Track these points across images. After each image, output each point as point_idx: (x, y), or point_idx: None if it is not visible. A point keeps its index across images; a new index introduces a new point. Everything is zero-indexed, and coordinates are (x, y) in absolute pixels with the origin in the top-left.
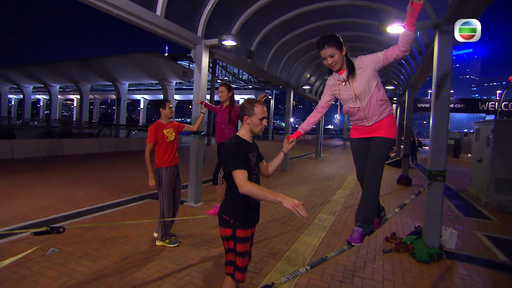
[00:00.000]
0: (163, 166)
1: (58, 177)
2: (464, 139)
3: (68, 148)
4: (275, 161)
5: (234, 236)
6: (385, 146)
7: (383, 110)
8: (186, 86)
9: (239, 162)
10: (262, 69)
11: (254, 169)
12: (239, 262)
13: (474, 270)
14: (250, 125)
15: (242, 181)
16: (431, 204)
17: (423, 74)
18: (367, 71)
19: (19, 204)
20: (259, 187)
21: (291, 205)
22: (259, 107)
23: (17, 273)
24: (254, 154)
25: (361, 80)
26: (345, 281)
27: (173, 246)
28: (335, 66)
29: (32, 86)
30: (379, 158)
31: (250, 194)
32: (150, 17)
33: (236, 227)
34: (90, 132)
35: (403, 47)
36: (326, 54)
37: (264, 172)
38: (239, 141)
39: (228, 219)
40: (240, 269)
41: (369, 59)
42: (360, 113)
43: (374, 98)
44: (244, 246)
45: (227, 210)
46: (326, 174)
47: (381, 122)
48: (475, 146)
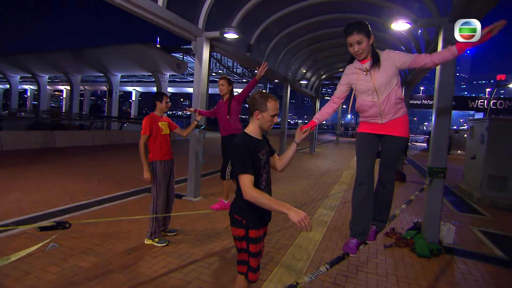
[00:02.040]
0: (157, 159)
1: (52, 169)
2: (455, 136)
3: (60, 140)
4: (287, 154)
5: (247, 236)
6: (401, 146)
7: (398, 109)
8: (179, 79)
9: (246, 166)
10: (260, 63)
11: (264, 168)
12: (252, 262)
13: (472, 264)
14: (260, 120)
15: (247, 187)
16: (431, 201)
17: (420, 72)
18: (391, 66)
19: (14, 198)
20: (264, 195)
21: (296, 219)
22: (272, 103)
23: (19, 269)
24: (264, 152)
25: (383, 73)
26: (350, 275)
27: (161, 245)
28: (361, 54)
29: (19, 76)
30: (395, 159)
31: (254, 202)
32: (152, 7)
33: (249, 228)
34: (81, 124)
35: (438, 60)
36: (354, 41)
37: (276, 166)
38: (247, 141)
39: (240, 219)
40: (253, 269)
41: (397, 56)
42: (374, 109)
43: (393, 95)
44: (257, 246)
45: (239, 210)
46: (322, 169)
47: (397, 120)
48: (469, 143)
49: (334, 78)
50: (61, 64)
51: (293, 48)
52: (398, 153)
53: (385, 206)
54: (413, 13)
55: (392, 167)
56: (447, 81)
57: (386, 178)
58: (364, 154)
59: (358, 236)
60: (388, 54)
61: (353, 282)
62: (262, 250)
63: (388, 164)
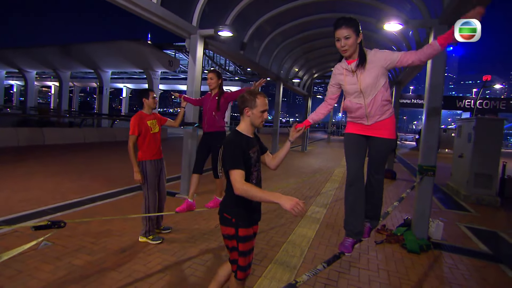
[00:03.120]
0: (147, 159)
1: (42, 167)
2: (443, 135)
3: (50, 137)
4: (281, 152)
5: (237, 235)
6: (388, 148)
7: (385, 111)
8: (171, 76)
9: (236, 162)
10: (253, 61)
11: (255, 166)
12: (241, 261)
13: (459, 259)
14: (250, 117)
15: (237, 182)
16: (421, 198)
17: (411, 72)
18: (378, 67)
19: (3, 196)
20: (254, 188)
21: (289, 206)
22: (261, 99)
23: (11, 267)
24: (255, 150)
25: (369, 74)
26: (343, 271)
27: (156, 243)
28: (347, 51)
29: (5, 71)
30: (383, 160)
31: (245, 195)
32: (146, 4)
33: (239, 226)
34: (70, 121)
35: (424, 57)
36: (342, 35)
37: (269, 164)
38: (238, 138)
39: (230, 218)
40: (242, 267)
41: (384, 56)
42: (361, 110)
43: (379, 97)
44: (247, 245)
45: (228, 209)
46: (314, 167)
47: (383, 122)
48: (457, 142)
49: (325, 77)
50: (50, 59)
51: (286, 46)
52: (385, 154)
53: (376, 204)
54: (404, 14)
55: (380, 168)
56: (437, 81)
57: (374, 179)
58: (353, 155)
59: (354, 236)
60: (375, 54)
61: (346, 277)
62: (253, 249)
63: (376, 165)
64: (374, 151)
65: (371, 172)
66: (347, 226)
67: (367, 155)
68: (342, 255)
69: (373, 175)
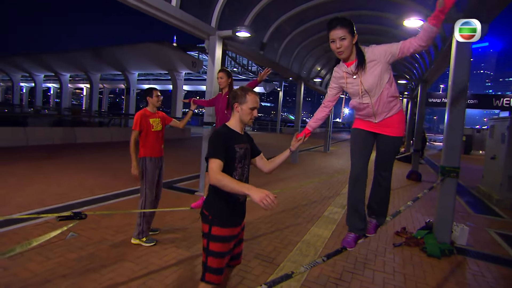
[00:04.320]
0: (147, 155)
1: (72, 164)
2: (476, 136)
3: (81, 136)
4: (278, 158)
5: (209, 233)
6: (395, 146)
7: (392, 107)
8: (195, 77)
9: (216, 151)
10: (273, 61)
11: (240, 161)
12: (211, 262)
13: (485, 266)
14: (239, 113)
15: (212, 170)
16: (443, 200)
17: (437, 69)
18: (379, 64)
19: (36, 190)
20: (227, 178)
21: (258, 198)
22: (252, 96)
23: (42, 255)
24: (242, 146)
25: (371, 74)
26: (357, 272)
27: (149, 245)
28: (342, 52)
29: (43, 75)
30: (391, 158)
31: (217, 185)
32: (166, 7)
33: (213, 224)
34: (100, 121)
35: (423, 42)
36: (337, 36)
37: (262, 167)
38: (225, 131)
39: (207, 215)
40: (212, 269)
41: (382, 50)
42: (368, 109)
43: (385, 94)
44: (220, 246)
45: (208, 205)
46: (335, 168)
47: (391, 118)
48: (489, 143)
49: None
50: (82, 62)
51: (306, 46)
52: (393, 152)
53: (382, 202)
54: (427, 9)
55: (387, 166)
56: (461, 79)
57: (381, 176)
58: (358, 150)
59: (356, 231)
60: (373, 51)
61: (359, 278)
62: (233, 252)
63: (383, 163)
64: (382, 149)
65: (378, 170)
66: (349, 222)
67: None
68: (344, 250)
69: (380, 172)
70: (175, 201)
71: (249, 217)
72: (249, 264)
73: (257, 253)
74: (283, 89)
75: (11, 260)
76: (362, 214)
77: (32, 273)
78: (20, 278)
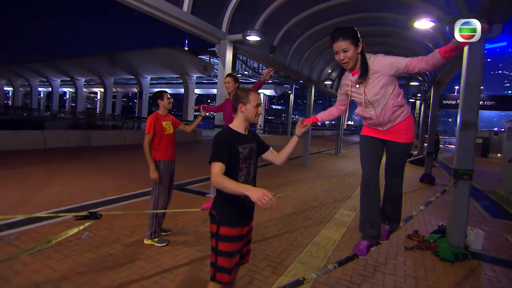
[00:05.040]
0: (161, 159)
1: (87, 166)
2: (494, 138)
3: (95, 139)
4: (288, 147)
5: (217, 233)
6: (404, 152)
7: (399, 115)
8: (206, 81)
9: (218, 155)
10: (284, 64)
11: (245, 161)
12: (221, 261)
13: (501, 272)
14: (245, 113)
15: (213, 173)
16: (456, 203)
17: (450, 71)
18: (383, 76)
19: (55, 191)
20: (227, 180)
21: (256, 198)
22: (254, 95)
23: (60, 253)
24: (246, 146)
25: (375, 85)
26: (367, 275)
27: (161, 245)
28: (347, 63)
29: (60, 80)
30: (401, 164)
31: (218, 187)
32: (177, 13)
33: (221, 224)
34: (113, 125)
35: (429, 67)
36: (339, 48)
37: (275, 160)
38: (227, 132)
39: (215, 215)
40: (223, 269)
41: (388, 63)
42: (373, 120)
43: (390, 104)
44: (228, 246)
45: (215, 206)
46: (346, 170)
47: (399, 125)
48: (507, 146)
49: None
50: (96, 67)
51: (317, 48)
52: (402, 158)
53: (395, 207)
54: (439, 10)
55: (398, 172)
56: (474, 80)
57: (392, 183)
58: (368, 157)
59: (370, 239)
60: (379, 62)
61: (369, 281)
62: (239, 253)
63: (393, 169)
64: (391, 156)
65: (389, 177)
66: (362, 229)
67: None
68: (356, 257)
69: (391, 179)
70: (186, 203)
71: (259, 219)
72: (259, 265)
73: (267, 255)
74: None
75: (32, 257)
76: (375, 221)
77: (51, 270)
78: (41, 274)
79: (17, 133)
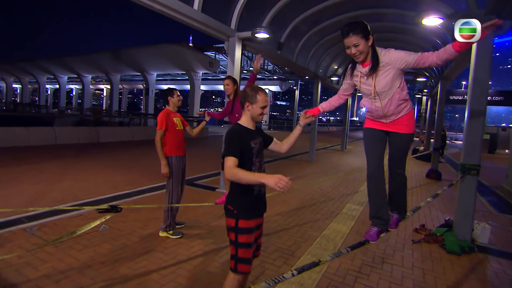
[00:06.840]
0: (172, 154)
1: (97, 162)
2: (502, 134)
3: (103, 135)
4: (292, 136)
5: (237, 227)
6: (406, 142)
7: (402, 109)
8: (211, 77)
9: (231, 150)
10: (290, 60)
11: (257, 156)
12: (241, 253)
13: (508, 264)
14: (251, 112)
15: (228, 166)
16: (463, 198)
17: (458, 66)
18: (393, 69)
19: (68, 186)
20: (241, 171)
21: (273, 183)
22: (262, 96)
23: (80, 243)
24: (256, 141)
25: (384, 77)
26: (375, 266)
27: (176, 237)
28: (359, 57)
29: (67, 77)
30: (404, 154)
31: (233, 179)
32: (187, 11)
33: (239, 218)
34: (120, 121)
35: (440, 61)
36: (350, 43)
37: (279, 149)
38: (238, 129)
39: (232, 209)
40: (243, 260)
41: (399, 57)
42: (378, 112)
43: (395, 98)
44: (247, 238)
45: (232, 200)
46: (352, 166)
47: (401, 119)
48: None
49: None
50: (103, 64)
51: (323, 44)
52: (404, 149)
53: (401, 196)
54: (448, 6)
55: (400, 163)
56: (482, 75)
57: (396, 173)
58: (372, 148)
59: (379, 226)
60: (390, 55)
61: (377, 272)
62: (258, 242)
63: (396, 159)
64: (394, 147)
65: (392, 167)
66: (372, 217)
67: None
68: (367, 243)
69: (395, 170)
70: (197, 198)
71: (269, 212)
72: (271, 256)
73: (278, 247)
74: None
75: (55, 247)
76: (383, 209)
77: (74, 259)
78: (65, 263)
79: (29, 130)
